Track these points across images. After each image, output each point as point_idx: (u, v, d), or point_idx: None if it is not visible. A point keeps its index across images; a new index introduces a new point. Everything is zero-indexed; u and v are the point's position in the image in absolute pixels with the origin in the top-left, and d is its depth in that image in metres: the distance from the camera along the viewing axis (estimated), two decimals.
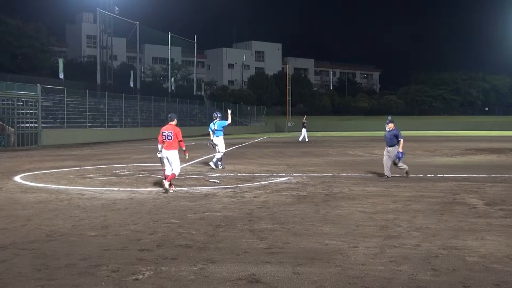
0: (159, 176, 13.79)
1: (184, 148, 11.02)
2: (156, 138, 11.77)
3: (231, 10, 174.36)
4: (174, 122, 11.09)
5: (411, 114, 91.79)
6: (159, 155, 10.93)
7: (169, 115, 11.50)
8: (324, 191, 10.79)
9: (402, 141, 12.92)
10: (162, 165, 11.10)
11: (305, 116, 41.10)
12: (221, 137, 16.05)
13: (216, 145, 15.92)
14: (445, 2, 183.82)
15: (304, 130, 36.12)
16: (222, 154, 16.06)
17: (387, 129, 13.21)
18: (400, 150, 12.81)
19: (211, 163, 15.82)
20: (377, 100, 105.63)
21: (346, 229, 7.05)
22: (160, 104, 49.97)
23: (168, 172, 10.84)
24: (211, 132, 16.23)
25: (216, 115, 16.28)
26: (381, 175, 13.23)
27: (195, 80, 72.82)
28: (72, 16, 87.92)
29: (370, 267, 5.25)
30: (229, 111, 16.60)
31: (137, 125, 44.67)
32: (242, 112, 66.03)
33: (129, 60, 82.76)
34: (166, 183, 10.69)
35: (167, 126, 11.06)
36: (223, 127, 16.17)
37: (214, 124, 16.11)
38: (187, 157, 12.07)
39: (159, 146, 10.86)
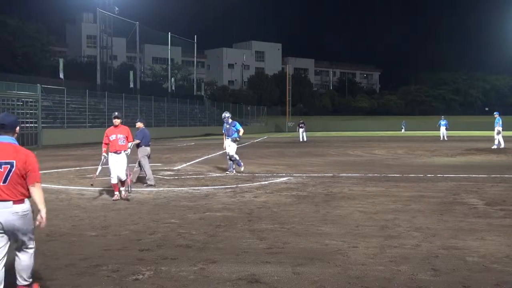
0: (158, 176, 13.77)
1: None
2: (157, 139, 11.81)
3: (231, 10, 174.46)
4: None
5: (411, 114, 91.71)
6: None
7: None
8: (324, 191, 10.79)
9: (135, 142, 11.18)
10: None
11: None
12: (229, 140, 14.42)
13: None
14: (445, 2, 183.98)
15: (301, 130, 37.05)
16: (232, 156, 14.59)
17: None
18: (139, 154, 11.36)
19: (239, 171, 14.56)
20: (377, 100, 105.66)
21: (346, 229, 7.05)
22: (160, 104, 49.96)
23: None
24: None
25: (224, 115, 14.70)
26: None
27: (195, 80, 72.84)
28: (72, 16, 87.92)
29: (370, 267, 5.25)
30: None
31: None
32: (242, 112, 66.03)
33: (129, 60, 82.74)
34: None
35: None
36: (235, 130, 14.56)
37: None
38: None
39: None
